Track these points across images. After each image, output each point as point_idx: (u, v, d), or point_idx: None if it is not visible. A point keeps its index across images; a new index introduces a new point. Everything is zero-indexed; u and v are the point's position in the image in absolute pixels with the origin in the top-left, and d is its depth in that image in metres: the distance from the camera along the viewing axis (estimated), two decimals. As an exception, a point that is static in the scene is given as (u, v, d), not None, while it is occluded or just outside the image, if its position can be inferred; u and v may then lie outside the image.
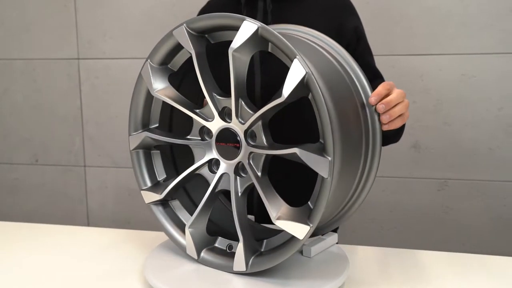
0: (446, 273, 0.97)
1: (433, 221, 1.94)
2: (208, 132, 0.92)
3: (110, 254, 1.08)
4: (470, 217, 1.91)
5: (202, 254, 0.92)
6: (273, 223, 0.80)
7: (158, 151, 1.02)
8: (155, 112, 1.00)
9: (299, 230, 0.77)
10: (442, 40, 1.83)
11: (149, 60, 0.93)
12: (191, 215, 0.96)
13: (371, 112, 0.91)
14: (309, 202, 0.81)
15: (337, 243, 1.03)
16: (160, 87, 0.93)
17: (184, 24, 0.85)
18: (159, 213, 1.00)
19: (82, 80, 2.15)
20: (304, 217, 0.79)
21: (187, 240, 0.93)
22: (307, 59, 0.75)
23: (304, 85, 0.75)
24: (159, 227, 1.01)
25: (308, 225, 0.77)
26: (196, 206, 1.01)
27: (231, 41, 0.81)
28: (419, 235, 1.96)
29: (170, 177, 1.02)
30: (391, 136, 1.11)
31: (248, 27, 0.79)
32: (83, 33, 2.12)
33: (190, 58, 0.91)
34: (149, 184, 1.01)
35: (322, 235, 1.00)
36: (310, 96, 0.77)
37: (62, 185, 2.26)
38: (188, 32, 0.86)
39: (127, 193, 2.18)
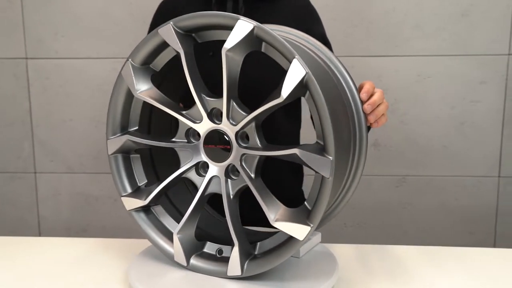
0: (427, 266, 1.01)
1: (392, 217, 2.01)
2: (195, 134, 0.89)
3: (86, 265, 1.02)
4: (427, 212, 2.00)
5: (191, 260, 0.90)
6: (260, 226, 0.80)
7: (138, 155, 0.98)
8: (134, 114, 0.95)
9: (299, 231, 0.77)
10: (399, 42, 1.90)
11: (130, 60, 0.89)
12: (176, 220, 0.93)
13: (357, 111, 0.92)
14: (305, 203, 0.81)
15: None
16: (143, 88, 0.89)
17: (171, 23, 0.83)
18: (142, 220, 0.96)
19: (31, 81, 2.03)
20: (302, 218, 0.78)
21: (175, 247, 0.89)
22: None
23: (303, 85, 0.75)
24: (141, 235, 0.97)
25: (309, 225, 0.76)
26: (179, 211, 0.98)
27: (214, 41, 0.81)
28: (380, 230, 2.02)
29: (151, 182, 0.98)
30: None
31: (243, 27, 0.77)
32: (31, 31, 1.99)
33: (173, 58, 0.89)
34: (129, 190, 0.96)
35: None
36: (306, 97, 0.77)
37: (10, 194, 2.12)
38: (175, 30, 0.83)
39: (83, 199, 2.08)
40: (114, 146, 0.94)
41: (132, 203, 0.94)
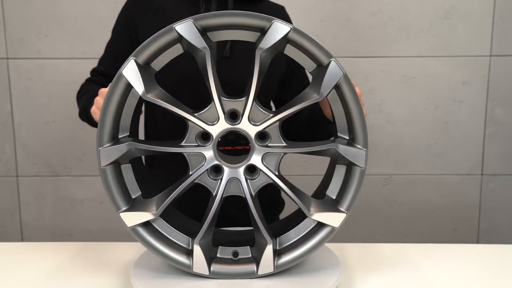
0: (428, 263, 1.03)
1: (379, 215, 2.04)
2: (207, 137, 0.85)
3: (73, 271, 0.99)
4: (412, 210, 2.04)
5: (211, 268, 0.86)
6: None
7: (129, 165, 0.88)
8: (125, 119, 0.85)
9: (335, 219, 0.84)
10: (385, 43, 1.94)
11: (134, 58, 0.82)
12: (178, 230, 0.89)
13: None
14: (327, 193, 0.87)
15: None
16: (151, 89, 0.83)
17: (192, 20, 0.79)
18: (147, 235, 0.86)
19: (13, 81, 1.97)
20: (332, 207, 0.84)
21: (196, 257, 0.84)
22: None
23: (336, 85, 0.80)
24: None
25: (344, 212, 0.83)
26: (178, 221, 0.94)
27: (225, 42, 0.79)
28: (367, 228, 2.05)
29: (149, 193, 0.89)
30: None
31: (279, 28, 0.79)
32: (12, 30, 1.93)
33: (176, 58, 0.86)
34: (125, 204, 0.85)
35: None
36: (329, 96, 0.81)
37: (-11, 198, 2.05)
38: (197, 29, 0.80)
39: (68, 203, 2.03)
40: (111, 155, 0.83)
41: (135, 218, 0.84)
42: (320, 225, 0.87)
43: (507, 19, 1.91)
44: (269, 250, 0.83)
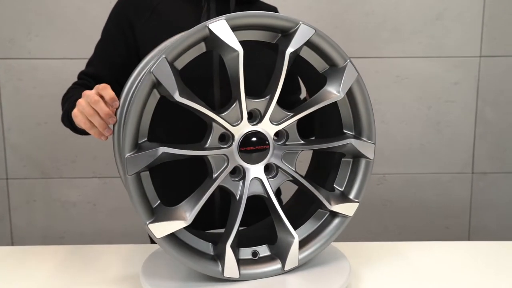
0: (430, 261, 1.04)
1: (373, 214, 2.07)
2: (226, 138, 0.83)
3: (66, 274, 0.96)
4: (406, 208, 2.07)
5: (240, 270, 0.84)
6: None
7: (148, 172, 0.82)
8: (145, 123, 0.81)
9: (350, 209, 0.90)
10: (378, 44, 1.96)
11: (165, 56, 0.75)
12: (195, 235, 0.86)
13: None
14: (335, 185, 0.91)
15: None
16: (182, 90, 0.77)
17: (225, 19, 0.77)
18: (176, 244, 0.81)
19: (2, 82, 1.92)
20: (346, 198, 0.89)
21: (228, 261, 0.81)
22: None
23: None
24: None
25: (357, 202, 0.90)
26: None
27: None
28: (361, 227, 2.07)
29: (168, 200, 0.85)
30: None
31: (305, 31, 0.81)
32: (2, 30, 1.89)
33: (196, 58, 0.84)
34: (150, 214, 0.79)
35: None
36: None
37: (-22, 202, 2.00)
38: (230, 28, 0.78)
39: (60, 206, 1.99)
40: (139, 163, 0.76)
41: (167, 228, 0.78)
42: (332, 216, 0.91)
43: (496, 20, 1.95)
44: (295, 245, 0.84)
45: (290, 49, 0.80)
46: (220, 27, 0.77)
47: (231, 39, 0.77)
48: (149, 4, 1.12)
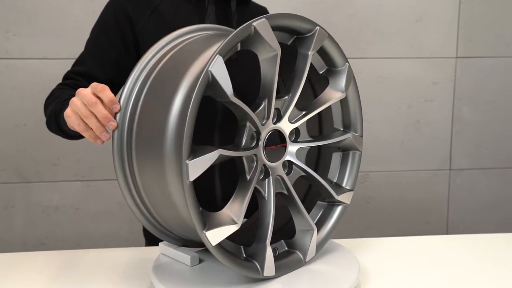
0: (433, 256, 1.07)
1: (356, 211, 2.11)
2: (255, 137, 0.82)
3: (50, 281, 0.92)
4: (388, 205, 2.13)
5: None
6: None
7: None
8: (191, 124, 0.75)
9: (348, 198, 0.96)
10: (361, 45, 2.00)
11: (219, 56, 0.71)
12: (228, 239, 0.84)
13: None
14: (329, 177, 0.96)
15: None
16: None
17: (266, 19, 0.76)
18: (223, 251, 0.78)
19: (-22, 83, 1.84)
20: (343, 188, 0.96)
21: (268, 260, 0.80)
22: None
23: None
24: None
25: (351, 190, 0.96)
26: None
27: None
28: (345, 224, 2.11)
29: (207, 206, 0.81)
30: None
31: (322, 34, 0.84)
32: (-24, 28, 1.81)
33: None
34: (204, 222, 0.75)
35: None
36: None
37: (-49, 208, 1.90)
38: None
39: (40, 210, 1.93)
40: (199, 168, 0.71)
41: (221, 234, 0.75)
42: (331, 206, 0.96)
43: (471, 23, 2.04)
44: (315, 236, 0.88)
45: (312, 52, 0.83)
46: (264, 27, 0.76)
47: (272, 39, 0.77)
48: (150, 3, 1.09)
